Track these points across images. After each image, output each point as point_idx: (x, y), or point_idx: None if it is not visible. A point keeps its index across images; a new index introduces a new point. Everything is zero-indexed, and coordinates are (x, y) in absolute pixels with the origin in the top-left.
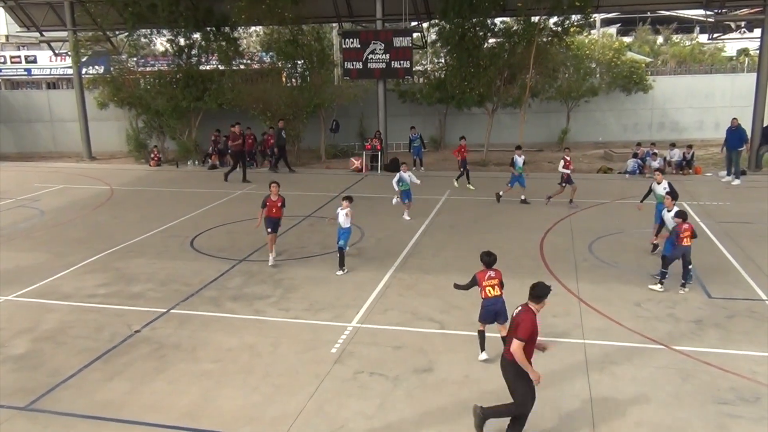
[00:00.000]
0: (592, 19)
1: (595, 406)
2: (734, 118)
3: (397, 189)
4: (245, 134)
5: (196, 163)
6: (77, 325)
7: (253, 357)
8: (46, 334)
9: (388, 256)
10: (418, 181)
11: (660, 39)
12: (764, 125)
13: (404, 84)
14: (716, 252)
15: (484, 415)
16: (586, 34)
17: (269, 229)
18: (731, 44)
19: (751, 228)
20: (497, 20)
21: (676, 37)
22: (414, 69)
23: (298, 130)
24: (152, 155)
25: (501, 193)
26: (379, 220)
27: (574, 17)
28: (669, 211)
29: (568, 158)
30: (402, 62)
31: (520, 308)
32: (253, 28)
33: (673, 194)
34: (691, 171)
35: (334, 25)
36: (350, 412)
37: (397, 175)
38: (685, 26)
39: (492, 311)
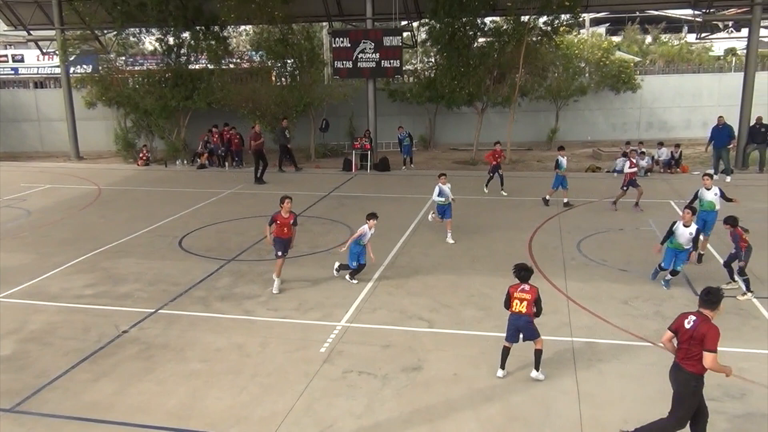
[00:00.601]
0: (581, 19)
1: (582, 402)
2: (720, 116)
3: (441, 199)
4: (231, 134)
5: (185, 162)
6: (64, 325)
7: (241, 357)
8: (33, 335)
9: (378, 255)
10: (453, 196)
11: (648, 39)
12: (750, 124)
13: (394, 83)
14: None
15: None
16: (575, 33)
17: (279, 252)
18: (719, 44)
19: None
20: (487, 20)
21: (664, 37)
22: (404, 68)
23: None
24: (140, 155)
25: (547, 197)
26: None
27: (563, 17)
28: (686, 226)
29: (634, 160)
30: (392, 61)
31: (695, 318)
32: (242, 27)
33: (692, 209)
34: (678, 170)
35: (324, 24)
36: (339, 411)
37: (437, 188)
38: (674, 26)
39: (514, 326)
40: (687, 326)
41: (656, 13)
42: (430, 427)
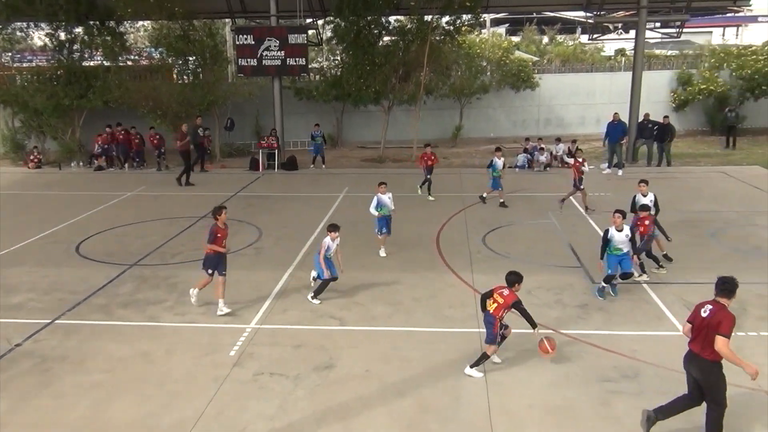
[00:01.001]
0: (482, 19)
1: (490, 391)
2: (615, 113)
3: (376, 213)
4: (131, 134)
5: (81, 164)
6: None
7: (147, 365)
8: None
9: (287, 255)
10: (393, 207)
11: (545, 39)
12: (639, 120)
13: (300, 81)
14: (598, 239)
15: (656, 417)
16: (476, 33)
17: (216, 271)
18: (609, 44)
19: (630, 217)
20: (391, 18)
21: (560, 38)
22: (310, 66)
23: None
24: (31, 157)
25: (484, 195)
26: (276, 218)
27: (465, 17)
28: (619, 230)
29: (580, 159)
30: (297, 59)
31: (711, 307)
32: (140, 23)
33: (622, 212)
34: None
35: (227, 20)
36: (251, 414)
37: (374, 198)
38: (568, 27)
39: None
40: (703, 315)
41: (552, 14)
42: (343, 425)
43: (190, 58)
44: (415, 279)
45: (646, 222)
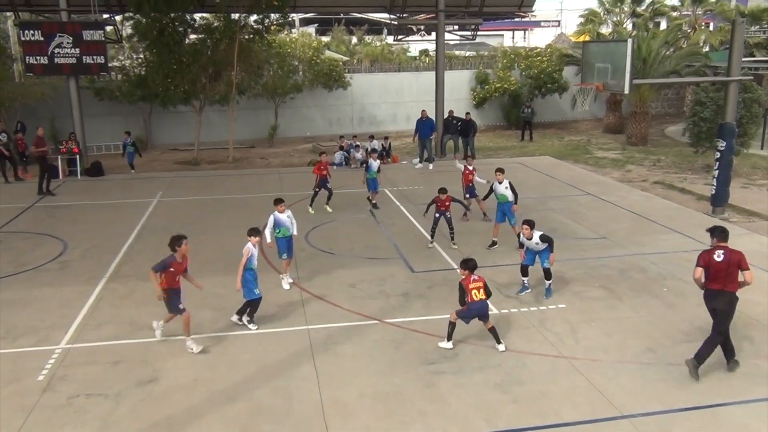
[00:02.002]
0: (290, 19)
1: (322, 385)
2: (423, 110)
3: (270, 240)
4: None
5: None
6: None
7: None
8: None
9: (98, 267)
10: (296, 231)
11: (354, 39)
12: (445, 117)
13: (100, 81)
14: (415, 230)
15: (699, 361)
16: (287, 32)
17: (182, 306)
18: (414, 45)
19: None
20: (197, 16)
21: (368, 38)
22: (111, 65)
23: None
24: None
25: (371, 199)
26: (83, 229)
27: (273, 16)
28: (529, 239)
29: (470, 167)
30: (95, 57)
31: (723, 251)
32: None
33: (530, 223)
34: (389, 159)
35: (9, 14)
36: None
37: (271, 218)
38: (375, 28)
39: (475, 313)
40: (718, 259)
41: (359, 15)
42: None
43: None
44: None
45: (447, 203)
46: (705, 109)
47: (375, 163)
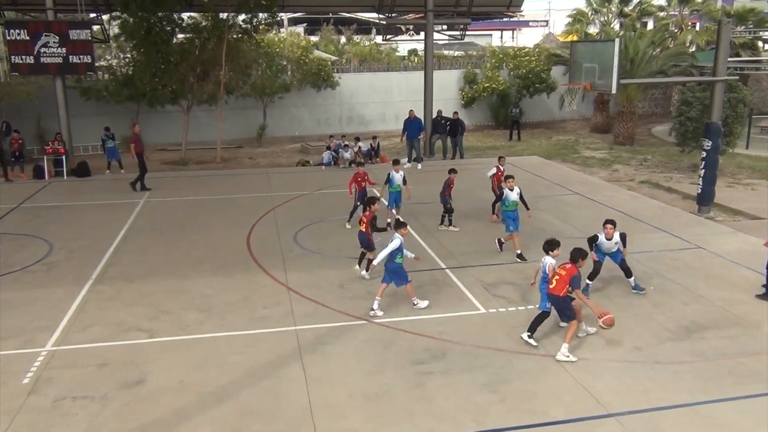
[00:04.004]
0: (279, 18)
1: (310, 386)
2: (411, 110)
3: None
4: None
5: None
6: None
7: None
8: None
9: (85, 268)
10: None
11: (343, 39)
12: (434, 116)
13: (87, 80)
14: None
15: None
16: (275, 32)
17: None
18: (403, 45)
19: (431, 207)
20: (185, 15)
21: (356, 38)
22: (98, 64)
23: None
24: None
25: (389, 220)
26: (69, 230)
27: (261, 15)
28: (609, 239)
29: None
30: (82, 57)
31: None
32: None
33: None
34: (378, 159)
35: None
36: None
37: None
38: (364, 28)
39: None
40: None
41: (348, 15)
42: None
43: None
44: (227, 282)
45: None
46: (691, 109)
47: (398, 175)
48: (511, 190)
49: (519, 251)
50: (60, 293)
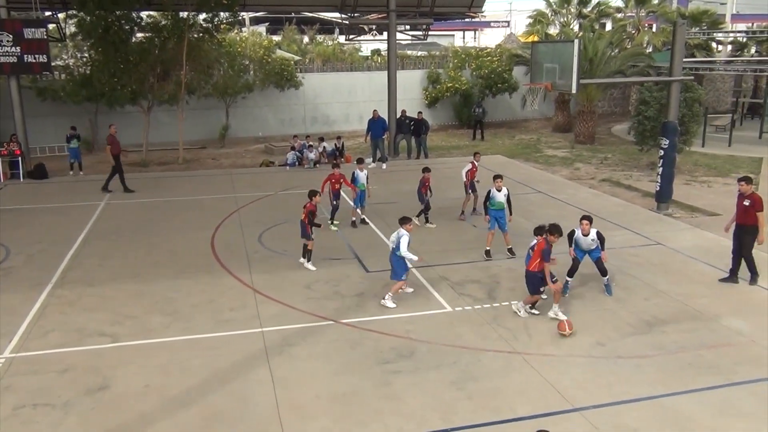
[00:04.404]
0: (241, 17)
1: (277, 388)
2: (375, 110)
3: (412, 256)
4: None
5: None
6: None
7: None
8: None
9: (43, 273)
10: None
11: (306, 39)
12: (398, 116)
13: (43, 80)
14: (369, 230)
15: None
16: (237, 31)
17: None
18: (366, 45)
19: (396, 206)
20: (144, 14)
21: (319, 38)
22: (54, 64)
23: None
24: None
25: (353, 219)
26: (26, 234)
27: (222, 14)
28: (585, 235)
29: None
30: (37, 56)
31: (747, 199)
32: None
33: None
34: (342, 159)
35: None
36: None
37: (405, 237)
38: (327, 27)
39: None
40: (746, 204)
41: (310, 15)
42: None
43: None
44: (192, 285)
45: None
46: (649, 108)
47: (362, 174)
48: (499, 190)
49: (488, 248)
50: (18, 299)
